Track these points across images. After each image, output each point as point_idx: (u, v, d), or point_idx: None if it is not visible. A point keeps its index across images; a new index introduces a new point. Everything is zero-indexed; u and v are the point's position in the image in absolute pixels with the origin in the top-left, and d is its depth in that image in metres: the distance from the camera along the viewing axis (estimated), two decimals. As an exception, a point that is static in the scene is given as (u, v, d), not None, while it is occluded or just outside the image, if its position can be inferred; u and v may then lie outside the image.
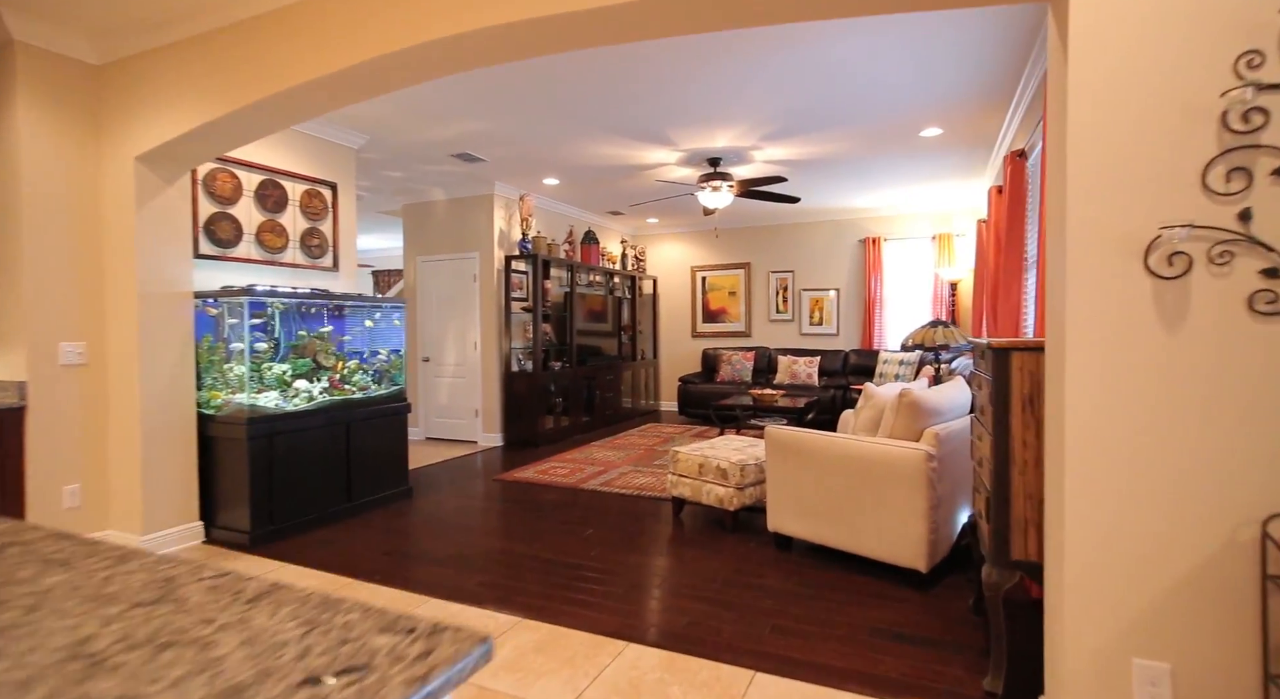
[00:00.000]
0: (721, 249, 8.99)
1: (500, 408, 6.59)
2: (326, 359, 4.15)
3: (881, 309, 7.89)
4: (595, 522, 3.92)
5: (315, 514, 3.81)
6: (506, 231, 6.69)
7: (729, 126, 4.75)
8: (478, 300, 6.59)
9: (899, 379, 7.08)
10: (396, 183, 6.40)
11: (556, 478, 5.02)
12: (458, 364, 6.76)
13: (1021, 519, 1.92)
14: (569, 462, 5.64)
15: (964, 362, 5.22)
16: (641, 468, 5.36)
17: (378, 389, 4.39)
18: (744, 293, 8.86)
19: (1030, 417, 1.90)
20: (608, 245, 8.71)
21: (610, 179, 6.34)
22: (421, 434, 6.98)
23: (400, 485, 4.46)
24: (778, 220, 8.55)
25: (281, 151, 4.30)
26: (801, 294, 8.49)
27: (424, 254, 6.92)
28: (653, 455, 5.89)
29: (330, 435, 3.93)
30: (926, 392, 2.96)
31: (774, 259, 8.67)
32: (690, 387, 8.12)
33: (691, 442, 6.51)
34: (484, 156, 5.50)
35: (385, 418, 4.35)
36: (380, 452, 4.30)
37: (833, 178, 6.34)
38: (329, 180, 4.62)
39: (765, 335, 8.76)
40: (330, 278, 4.65)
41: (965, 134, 4.92)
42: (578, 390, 7.16)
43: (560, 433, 6.83)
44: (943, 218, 7.64)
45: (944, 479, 2.85)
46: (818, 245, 8.39)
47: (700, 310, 9.16)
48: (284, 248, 4.28)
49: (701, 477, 3.79)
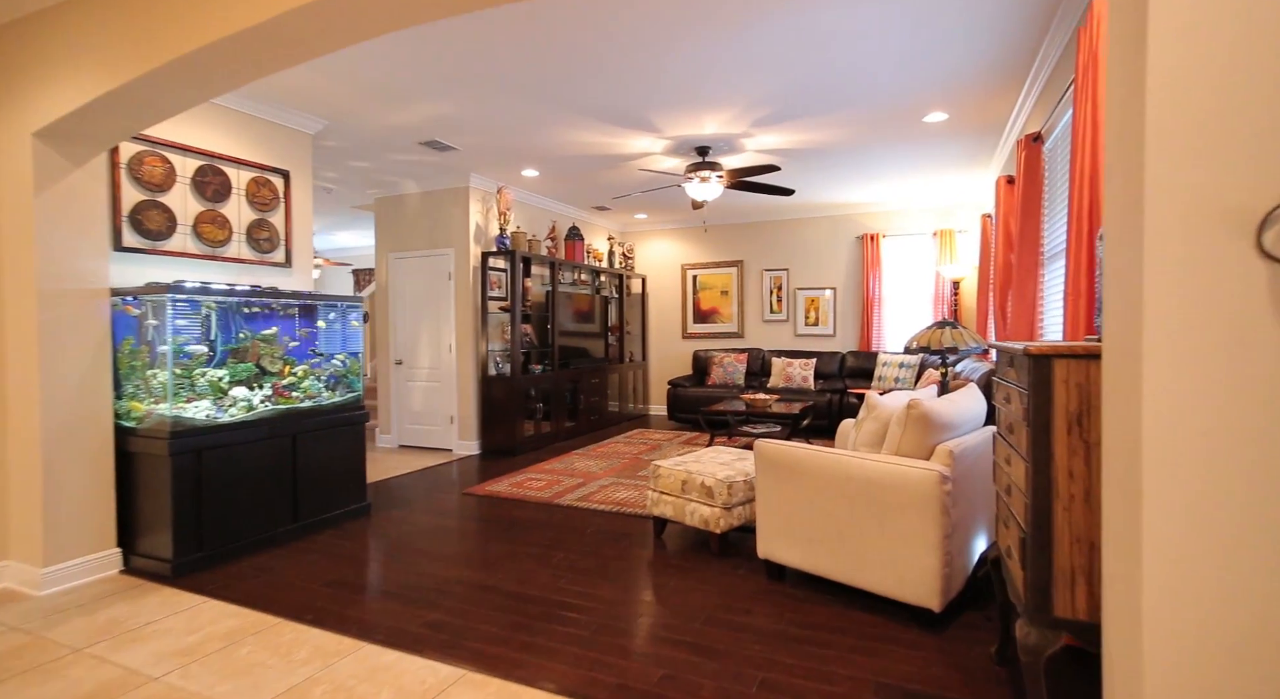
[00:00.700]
0: (713, 246, 8.62)
1: (476, 414, 6.20)
2: (272, 364, 3.75)
3: (880, 309, 7.53)
4: (568, 544, 3.53)
5: (254, 538, 3.41)
6: (484, 227, 6.30)
7: (717, 110, 4.38)
8: (453, 300, 6.20)
9: (899, 383, 6.73)
10: (366, 174, 6.00)
11: (531, 491, 4.64)
12: (432, 368, 6.37)
13: (1067, 568, 1.55)
14: (547, 473, 5.25)
15: (970, 365, 4.85)
16: (624, 480, 4.97)
17: (332, 396, 4.00)
18: (736, 292, 8.49)
19: (1079, 440, 1.53)
20: (594, 242, 8.33)
21: (593, 170, 5.96)
22: (394, 442, 6.59)
23: (357, 502, 4.07)
24: (772, 216, 8.19)
25: (224, 134, 3.90)
26: (797, 293, 8.13)
27: (396, 250, 6.53)
28: (637, 465, 5.51)
29: (273, 449, 3.54)
30: (938, 403, 2.59)
31: (768, 257, 8.30)
32: (680, 390, 7.74)
33: (679, 449, 6.13)
34: (455, 145, 5.11)
35: (340, 428, 3.96)
36: (333, 465, 3.91)
37: (829, 169, 5.98)
38: (280, 168, 4.23)
39: (759, 337, 8.39)
40: (282, 274, 4.25)
41: (972, 118, 4.56)
42: (560, 395, 6.78)
43: (541, 440, 6.45)
44: (944, 213, 7.29)
45: (959, 503, 2.48)
46: (813, 242, 8.03)
47: (691, 310, 8.79)
48: (227, 241, 3.89)
49: (685, 495, 3.41)
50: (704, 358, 8.25)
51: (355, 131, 4.74)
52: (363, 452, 4.13)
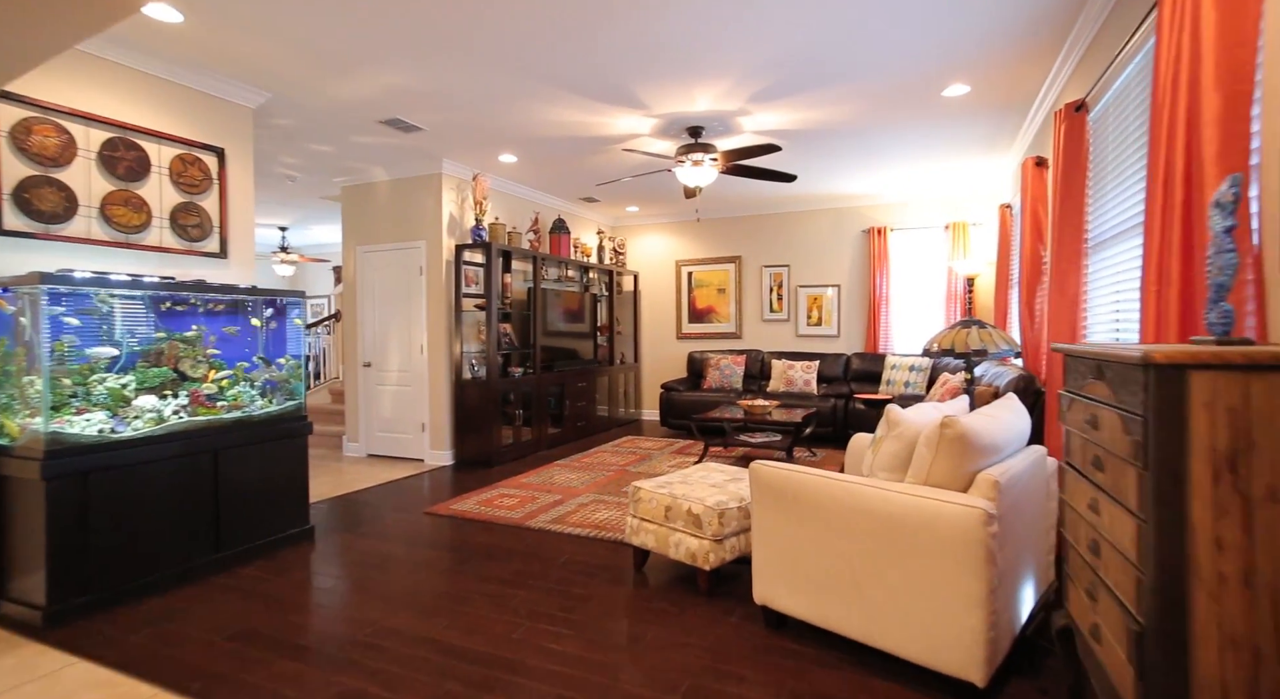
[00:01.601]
0: (709, 241, 8.11)
1: (450, 421, 5.69)
2: (194, 368, 3.24)
3: (887, 308, 7.02)
4: (534, 579, 3.02)
5: (162, 573, 2.90)
6: (458, 217, 5.79)
7: (709, 82, 3.87)
8: (424, 296, 5.69)
9: (909, 388, 6.21)
10: (329, 160, 5.50)
11: (501, 511, 4.13)
12: (402, 370, 5.86)
13: (1215, 681, 1.04)
14: (522, 488, 4.74)
15: (991, 369, 4.35)
16: (606, 497, 4.46)
17: (267, 404, 3.49)
18: (734, 290, 7.99)
19: (1232, 493, 1.02)
20: (581, 236, 7.82)
21: (576, 155, 5.45)
22: (363, 450, 6.08)
23: (297, 525, 3.56)
24: (771, 209, 7.68)
25: (142, 104, 3.40)
26: (798, 291, 7.62)
27: (364, 243, 6.02)
28: (623, 479, 4.99)
29: (188, 468, 3.03)
30: (978, 420, 2.08)
31: (767, 252, 7.79)
32: (674, 395, 7.23)
33: (671, 460, 5.62)
34: (420, 124, 4.60)
35: (276, 442, 3.45)
36: (268, 484, 3.40)
37: (834, 155, 5.47)
38: (213, 145, 3.72)
39: (757, 337, 7.88)
40: (215, 266, 3.74)
41: (998, 91, 4.05)
42: (543, 400, 6.27)
43: (521, 449, 5.94)
44: (957, 205, 6.78)
45: (1006, 545, 1.97)
46: (816, 237, 7.52)
47: (686, 309, 8.29)
48: (144, 226, 3.38)
49: (669, 523, 2.90)
50: (700, 360, 7.75)
51: (305, 107, 4.24)
52: (304, 467, 3.62)
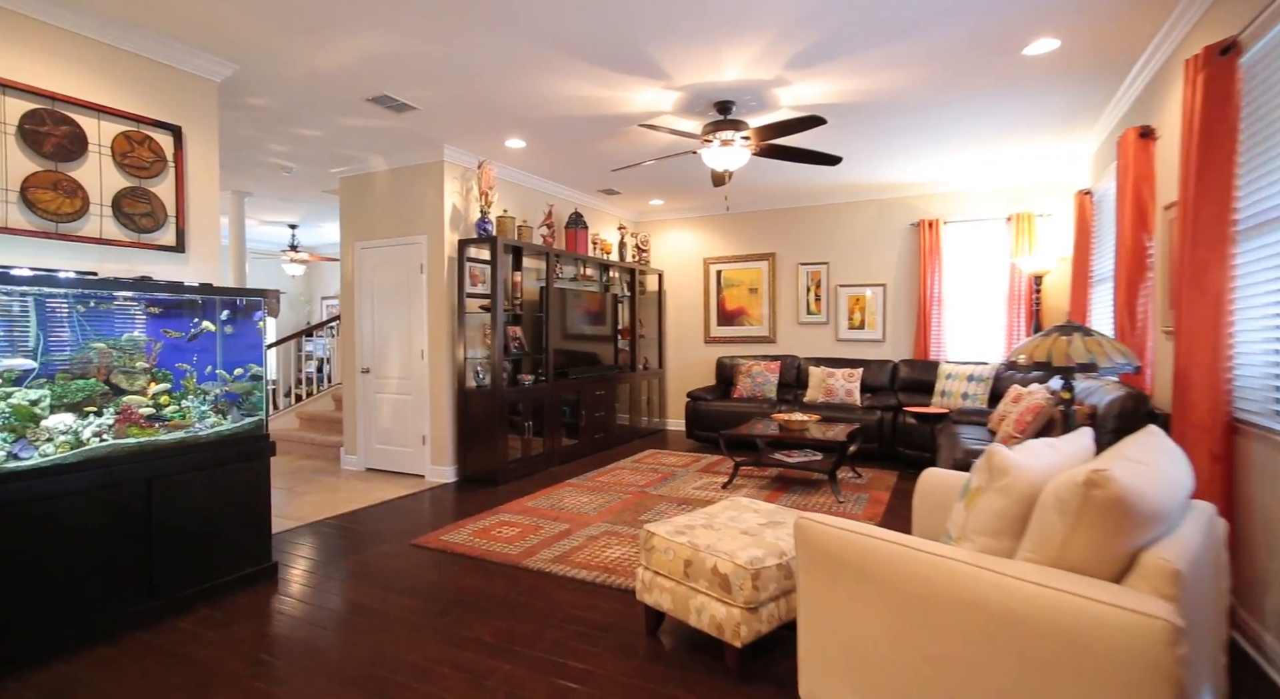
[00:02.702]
0: (740, 237, 7.47)
1: (452, 434, 5.17)
2: (131, 380, 2.75)
3: (940, 309, 6.29)
4: (521, 644, 2.45)
5: (74, 631, 2.41)
6: (462, 210, 5.27)
7: (740, 43, 3.26)
8: (425, 296, 5.18)
9: (968, 400, 5.48)
10: (321, 148, 5.03)
11: (497, 544, 3.57)
12: (402, 377, 5.36)
13: None
14: (526, 513, 4.17)
15: (1090, 386, 3.63)
16: (620, 527, 3.87)
17: (220, 423, 2.99)
18: (767, 290, 7.33)
19: None
20: (601, 232, 7.26)
21: (590, 139, 4.88)
22: (361, 464, 5.60)
23: (255, 563, 3.05)
24: (809, 200, 7.00)
25: (78, 71, 2.93)
26: (838, 291, 6.93)
27: (363, 239, 5.54)
28: (641, 504, 4.40)
29: (112, 501, 2.53)
30: (1137, 476, 1.43)
31: (804, 248, 7.12)
32: (700, 405, 6.61)
33: (696, 479, 5.00)
34: (412, 102, 4.08)
35: (229, 466, 2.95)
36: (216, 517, 2.89)
37: (882, 137, 4.79)
38: (168, 122, 3.24)
39: (793, 341, 7.21)
40: (170, 262, 3.27)
41: (1095, 44, 3.35)
42: (556, 410, 5.71)
43: (531, 464, 5.39)
44: (1020, 194, 6.02)
45: (1191, 664, 1.31)
46: (859, 231, 6.82)
47: (715, 311, 7.65)
48: (79, 214, 2.91)
49: (689, 581, 2.30)
50: (729, 366, 7.11)
51: (281, 82, 3.75)
52: (265, 495, 3.11)
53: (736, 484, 4.92)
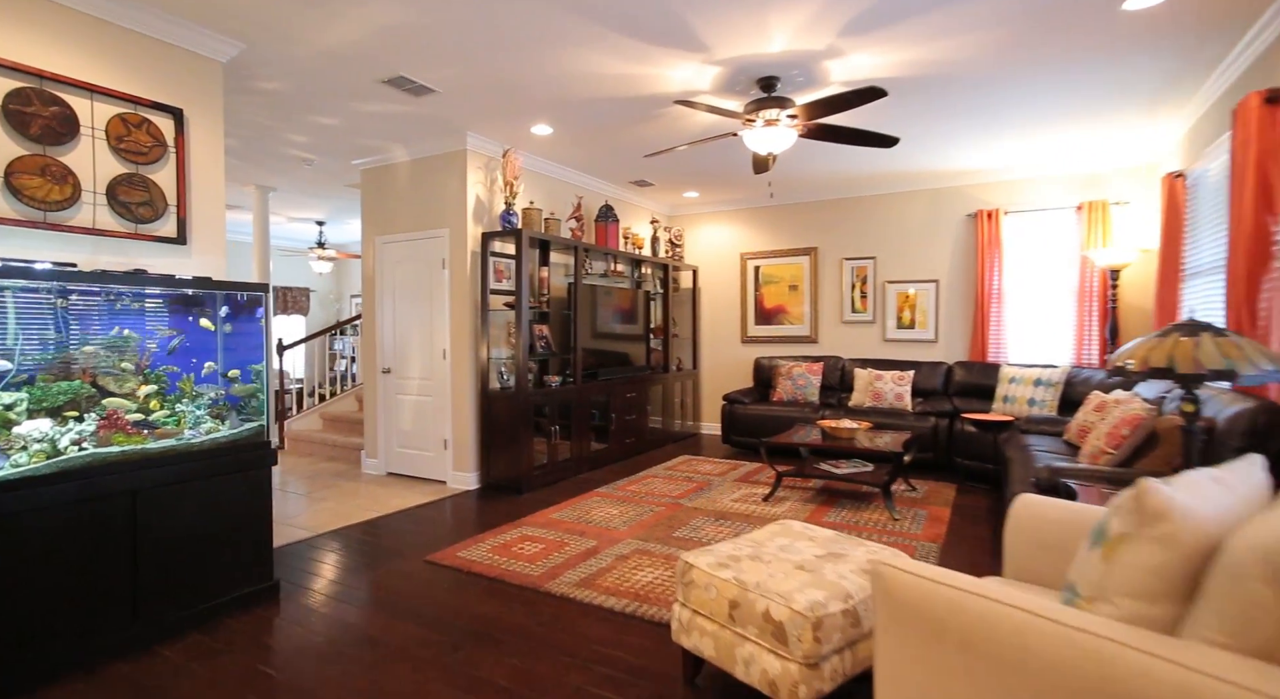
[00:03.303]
0: (780, 231, 7.05)
1: (475, 438, 4.89)
2: (120, 383, 2.52)
3: (999, 307, 5.78)
4: (538, 687, 2.13)
5: (47, 660, 2.17)
6: (486, 201, 5.00)
7: (790, 5, 2.88)
8: (447, 293, 4.92)
9: (1035, 407, 4.98)
10: (341, 137, 4.80)
11: (517, 563, 3.26)
12: (423, 378, 5.12)
13: None
14: (550, 526, 3.86)
15: (1176, 391, 3.15)
16: (652, 545, 3.53)
17: (218, 428, 2.74)
18: (809, 286, 6.90)
19: None
20: (633, 226, 6.92)
21: (622, 124, 4.54)
22: (382, 468, 5.37)
23: (255, 582, 2.80)
24: (854, 191, 6.55)
25: (71, 48, 2.71)
26: (886, 288, 6.46)
27: (384, 233, 5.31)
28: (675, 518, 4.05)
29: (92, 516, 2.29)
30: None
31: (849, 242, 6.67)
32: (738, 408, 6.22)
33: (733, 490, 4.62)
34: (431, 84, 3.81)
35: (226, 476, 2.70)
36: (211, 532, 2.65)
37: (942, 116, 4.34)
38: (168, 104, 3.02)
39: (836, 342, 6.76)
40: (171, 254, 3.04)
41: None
42: (584, 413, 5.40)
43: (558, 471, 5.08)
44: (1095, 179, 5.48)
45: None
46: (909, 223, 6.34)
47: (753, 308, 7.25)
48: (69, 202, 2.69)
49: (736, 625, 1.94)
50: (768, 367, 6.71)
51: (290, 62, 3.50)
52: (266, 507, 2.86)
53: (779, 496, 4.53)
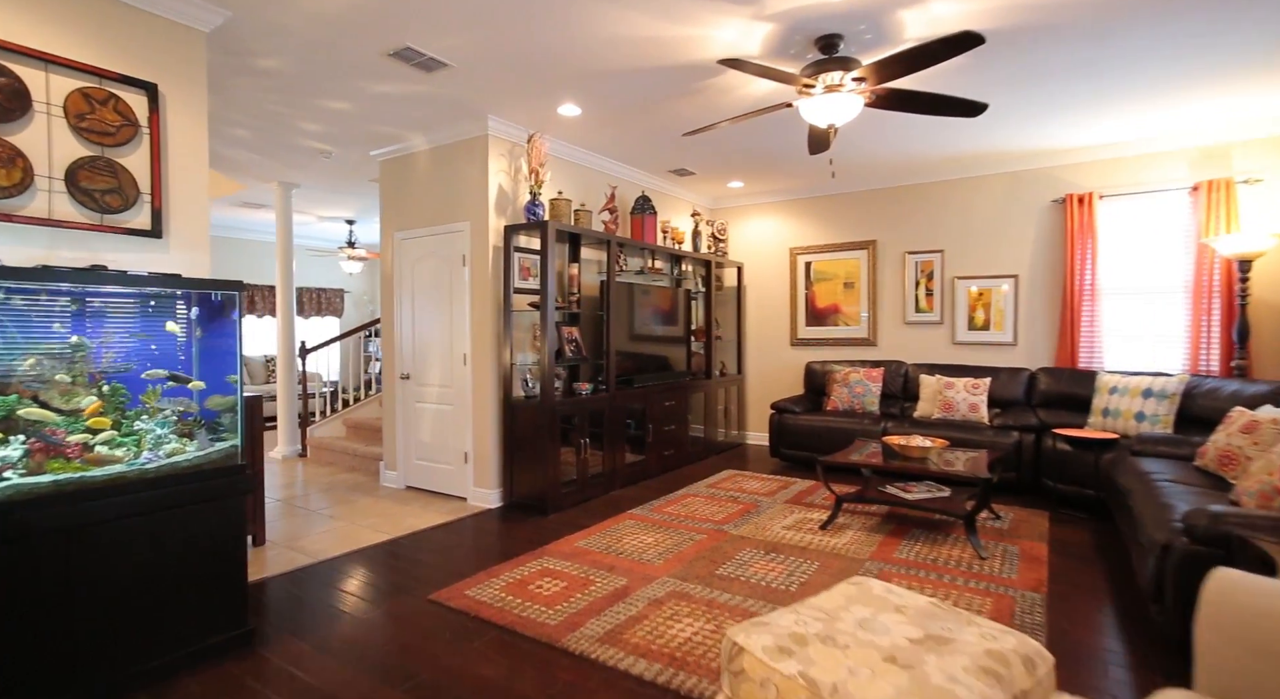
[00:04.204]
0: (834, 223, 6.42)
1: (497, 451, 4.46)
2: (66, 397, 2.15)
3: (1094, 305, 5.04)
4: (541, 803, 1.63)
5: (-40, 732, 1.80)
6: (510, 192, 4.56)
7: (866, -74, 2.32)
8: (467, 292, 4.51)
9: (1145, 422, 4.25)
10: (355, 124, 4.45)
11: (533, 607, 2.79)
12: (443, 385, 4.72)
13: None
14: (575, 558, 3.38)
15: None
16: (692, 586, 3.00)
17: (183, 450, 2.35)
18: (867, 284, 6.25)
19: None
20: (672, 218, 6.41)
21: (658, 99, 4.03)
22: (401, 481, 5.00)
23: (222, 629, 2.40)
24: (919, 176, 5.88)
25: (15, 8, 2.37)
26: (955, 284, 5.77)
27: (402, 228, 4.94)
28: (719, 550, 3.51)
29: (8, 563, 1.91)
30: None
31: (913, 234, 6.00)
32: (787, 419, 5.64)
33: (784, 514, 4.04)
34: (443, 57, 3.38)
35: (188, 508, 2.31)
36: (167, 576, 2.25)
37: (1033, 81, 3.68)
38: (139, 78, 2.66)
39: (898, 344, 6.10)
40: (143, 249, 2.68)
41: None
42: (618, 423, 4.91)
43: (587, 488, 4.61)
44: (1216, 154, 4.68)
45: None
46: (984, 211, 5.64)
47: (803, 308, 6.64)
48: (20, 188, 2.35)
49: (803, 747, 1.40)
50: (821, 372, 6.09)
51: (284, 33, 3.12)
52: (239, 543, 2.46)
53: (839, 523, 3.95)
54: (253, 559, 3.42)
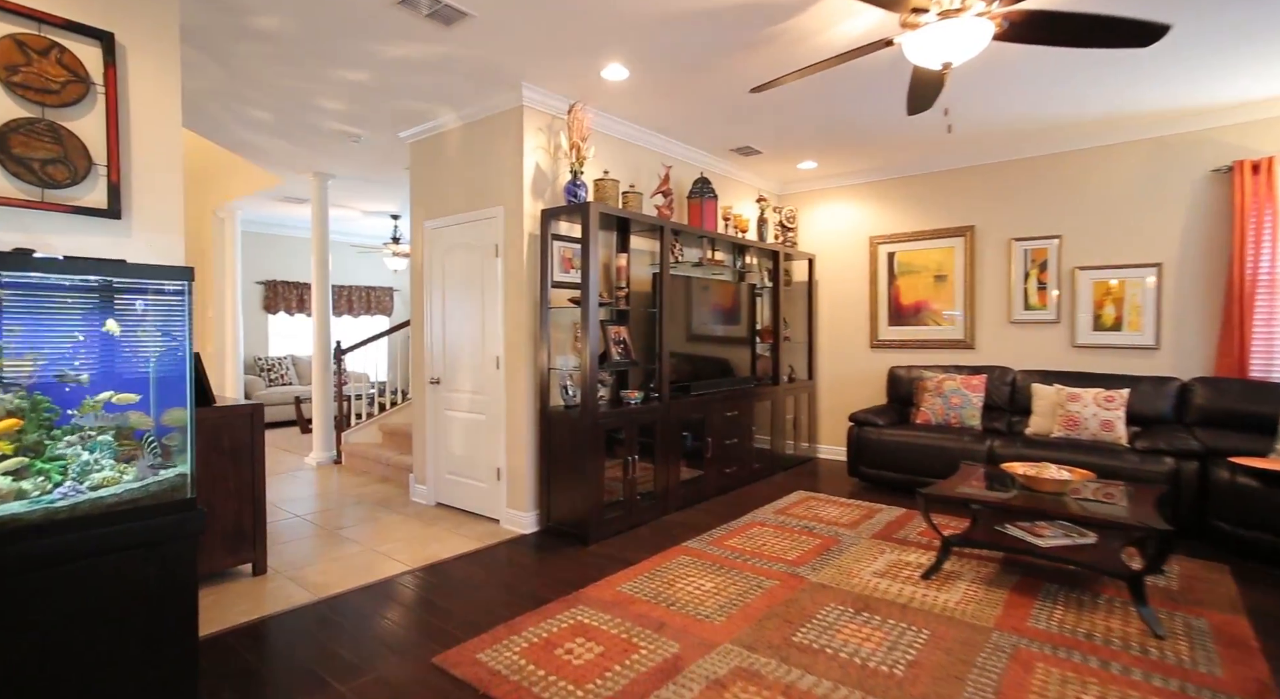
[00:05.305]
0: (923, 206, 5.56)
1: (533, 469, 3.90)
2: (-37, 413, 1.69)
3: (1273, 300, 4.02)
4: None
5: None
6: (548, 171, 3.99)
7: None
8: (500, 287, 3.96)
9: (1363, 451, 3.25)
10: (379, 101, 3.98)
11: (557, 686, 2.17)
12: (475, 392, 4.19)
13: None
14: (616, 611, 2.75)
15: None
16: (764, 660, 2.31)
17: (119, 478, 1.86)
18: (963, 276, 5.36)
19: None
20: (734, 204, 5.71)
21: (719, 53, 3.35)
22: (431, 497, 4.52)
23: (166, 709, 1.90)
24: (1030, 148, 4.95)
25: (-65, -58, 1.94)
26: (1077, 276, 4.82)
27: (432, 216, 4.46)
28: (796, 605, 2.80)
29: None
30: None
31: (1021, 217, 5.08)
32: (869, 433, 4.84)
33: (875, 556, 3.28)
34: (462, 5, 2.82)
35: (117, 557, 1.81)
36: (83, 653, 1.76)
37: (1206, 10, 2.79)
38: (91, 26, 2.21)
39: (1001, 347, 5.19)
40: (99, 231, 2.24)
41: None
42: (671, 438, 4.26)
43: (636, 511, 3.98)
44: None
45: None
46: (1117, 187, 4.67)
47: (886, 305, 5.80)
48: (-70, 155, 1.92)
49: None
50: (907, 379, 5.26)
51: (277, -21, 2.64)
52: (187, 599, 1.95)
53: (946, 570, 3.16)
54: (245, 594, 2.96)
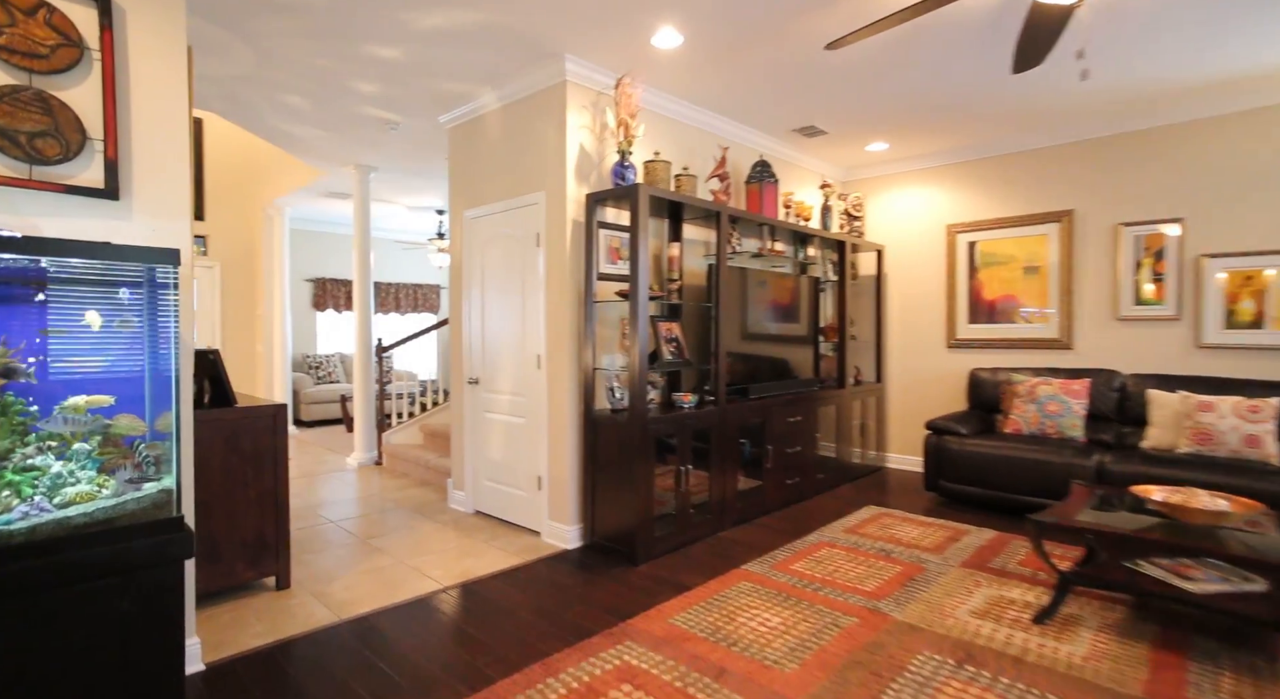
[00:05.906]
0: (1010, 190, 4.96)
1: (576, 479, 3.56)
2: (-85, 417, 1.45)
3: None
4: None
5: None
6: (594, 153, 3.65)
7: None
8: (541, 280, 3.64)
9: None
10: (414, 82, 3.72)
11: (599, 749, 1.82)
12: (515, 393, 3.89)
13: None
14: (668, 649, 2.38)
15: None
16: (849, 730, 1.90)
17: (96, 494, 1.61)
18: (1057, 267, 4.75)
19: None
20: (796, 191, 5.25)
21: (786, 13, 2.93)
22: (469, 504, 4.25)
23: (145, 764, 1.63)
24: (1141, 119, 4.32)
25: (-93, -114, 1.73)
26: (1203, 265, 4.17)
27: (472, 204, 4.18)
28: (881, 651, 2.36)
29: None
30: None
31: (1131, 199, 4.44)
32: (950, 442, 4.32)
33: (966, 590, 2.79)
34: (496, -45, 2.50)
35: (90, 587, 1.55)
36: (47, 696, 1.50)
37: None
38: (85, -17, 1.98)
39: (1105, 348, 4.56)
40: (96, 213, 2.00)
41: None
42: (729, 446, 3.85)
43: (690, 527, 3.59)
44: None
45: None
46: (1255, 159, 4.01)
47: (965, 301, 5.23)
48: (-100, 125, 1.71)
49: None
50: (992, 383, 4.70)
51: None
52: (173, 637, 1.68)
53: (1065, 613, 2.66)
54: (263, 611, 2.72)
